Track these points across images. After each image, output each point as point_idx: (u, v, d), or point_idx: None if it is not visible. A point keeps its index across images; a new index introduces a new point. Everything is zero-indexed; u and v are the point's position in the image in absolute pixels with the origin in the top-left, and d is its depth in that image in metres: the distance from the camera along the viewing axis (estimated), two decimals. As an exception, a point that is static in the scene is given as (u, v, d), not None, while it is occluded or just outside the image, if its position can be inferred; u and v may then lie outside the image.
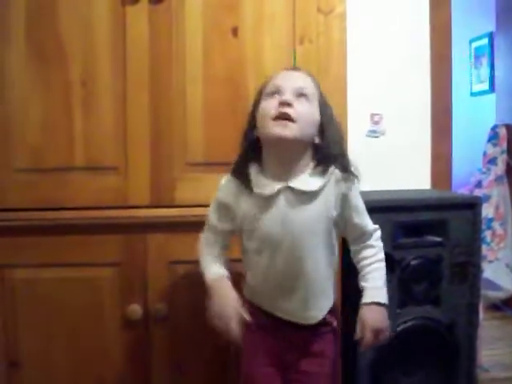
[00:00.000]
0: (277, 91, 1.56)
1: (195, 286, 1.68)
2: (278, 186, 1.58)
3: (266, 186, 1.59)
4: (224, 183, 1.67)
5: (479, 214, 2.28)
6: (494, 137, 4.10)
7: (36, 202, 1.98)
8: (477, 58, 4.99)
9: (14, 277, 2.01)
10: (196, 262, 1.74)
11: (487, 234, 3.93)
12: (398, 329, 2.15)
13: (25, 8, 1.95)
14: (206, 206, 1.76)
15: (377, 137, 2.64)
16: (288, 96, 1.54)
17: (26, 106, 1.98)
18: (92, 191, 1.98)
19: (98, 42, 1.97)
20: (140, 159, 1.98)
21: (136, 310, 1.98)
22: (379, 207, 2.14)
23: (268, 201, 1.59)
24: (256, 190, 1.59)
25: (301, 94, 1.56)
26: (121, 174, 1.99)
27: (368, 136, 2.64)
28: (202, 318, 1.82)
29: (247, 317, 1.57)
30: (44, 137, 1.98)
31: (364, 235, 1.75)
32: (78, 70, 1.97)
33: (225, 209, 1.67)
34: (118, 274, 2.00)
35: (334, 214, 1.65)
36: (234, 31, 1.99)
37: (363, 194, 2.29)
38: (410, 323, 2.17)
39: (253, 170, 1.61)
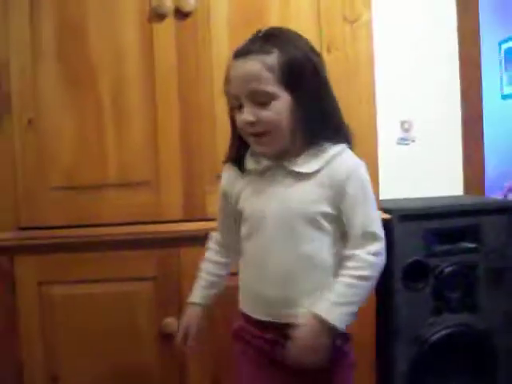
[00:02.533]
0: (237, 103, 1.42)
1: (229, 296, 1.69)
2: (268, 163, 1.47)
3: (258, 162, 1.48)
4: (223, 173, 1.59)
5: (513, 218, 2.26)
6: (526, 139, 4.05)
7: (71, 220, 2.01)
8: (507, 60, 4.93)
9: (52, 293, 2.05)
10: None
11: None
12: (434, 337, 2.14)
13: (55, 31, 2.00)
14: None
15: (407, 144, 2.63)
16: (248, 113, 1.39)
17: (59, 126, 2.02)
18: (125, 207, 2.01)
19: (126, 61, 2.01)
20: (171, 174, 2.01)
21: (172, 322, 1.99)
22: (412, 215, 2.14)
23: (260, 178, 1.48)
24: (248, 166, 1.49)
25: (257, 99, 1.39)
26: (153, 189, 2.01)
27: (398, 143, 2.63)
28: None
29: (190, 342, 1.64)
30: (77, 155, 2.02)
31: (358, 242, 1.44)
32: (108, 90, 2.01)
33: (225, 199, 1.58)
34: (154, 288, 2.02)
35: (326, 204, 1.44)
36: (261, 43, 2.00)
37: (395, 201, 2.29)
38: (445, 331, 2.16)
39: (248, 153, 1.51)
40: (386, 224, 2.07)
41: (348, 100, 2.06)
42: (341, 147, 1.46)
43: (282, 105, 1.39)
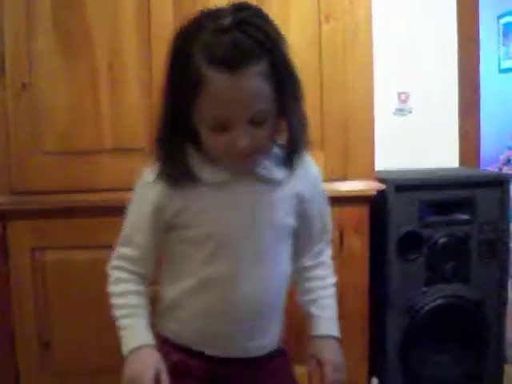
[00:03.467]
0: (220, 123, 1.10)
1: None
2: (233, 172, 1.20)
3: (218, 172, 1.19)
4: (150, 182, 1.25)
5: (507, 191, 2.26)
6: (522, 113, 4.05)
7: (66, 185, 2.00)
8: (505, 34, 4.92)
9: (44, 259, 2.06)
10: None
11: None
12: (427, 307, 2.15)
13: (51, -5, 1.97)
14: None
15: (404, 115, 2.62)
16: (245, 137, 1.10)
17: (55, 91, 2.00)
18: (121, 173, 1.99)
19: (123, 26, 1.99)
20: (167, 140, 1.99)
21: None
22: (407, 186, 2.14)
23: (217, 189, 1.20)
24: (207, 178, 1.19)
25: (256, 119, 1.10)
26: (148, 155, 1.99)
27: (395, 114, 2.61)
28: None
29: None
30: (73, 120, 2.00)
31: (322, 248, 1.37)
32: (104, 55, 1.99)
33: (159, 214, 1.23)
34: (147, 254, 2.01)
35: (293, 215, 1.28)
36: (260, 10, 1.98)
37: (391, 172, 2.29)
38: (438, 301, 2.17)
39: (194, 159, 1.19)
40: (381, 195, 2.09)
41: (345, 70, 2.05)
42: (304, 152, 1.24)
43: (274, 118, 1.14)
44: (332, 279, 1.37)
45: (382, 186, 2.07)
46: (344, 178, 2.07)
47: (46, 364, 2.10)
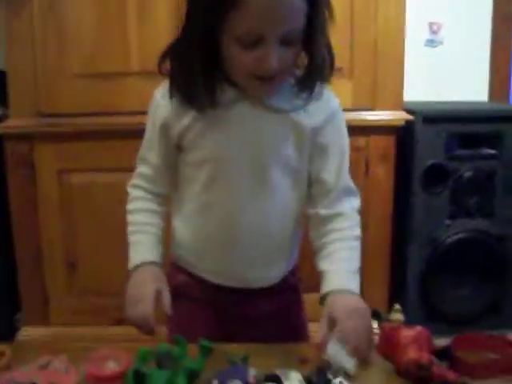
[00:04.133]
0: (252, 39, 1.04)
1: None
2: (235, 92, 1.15)
3: (221, 92, 1.14)
4: (160, 101, 1.24)
5: (536, 127, 2.23)
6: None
7: (92, 107, 2.01)
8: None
9: (70, 181, 2.08)
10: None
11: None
12: (449, 240, 2.17)
13: None
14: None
15: (435, 46, 2.57)
16: (275, 56, 1.04)
17: (81, 12, 1.98)
18: (147, 96, 1.96)
19: None
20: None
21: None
22: (435, 117, 2.12)
23: (219, 111, 1.15)
24: (214, 95, 1.14)
25: (287, 38, 1.05)
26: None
27: (426, 45, 2.57)
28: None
29: (168, 308, 1.14)
30: (99, 42, 1.99)
31: (339, 196, 1.23)
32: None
33: (167, 133, 1.21)
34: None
35: (305, 151, 1.21)
36: None
37: (419, 104, 2.27)
38: (460, 235, 2.18)
39: (206, 79, 1.13)
40: (409, 126, 2.07)
41: (376, -1, 2.01)
42: (324, 85, 1.18)
43: (300, 41, 1.09)
44: (353, 231, 1.22)
45: (409, 117, 2.05)
46: (372, 108, 2.05)
47: (72, 284, 2.15)
